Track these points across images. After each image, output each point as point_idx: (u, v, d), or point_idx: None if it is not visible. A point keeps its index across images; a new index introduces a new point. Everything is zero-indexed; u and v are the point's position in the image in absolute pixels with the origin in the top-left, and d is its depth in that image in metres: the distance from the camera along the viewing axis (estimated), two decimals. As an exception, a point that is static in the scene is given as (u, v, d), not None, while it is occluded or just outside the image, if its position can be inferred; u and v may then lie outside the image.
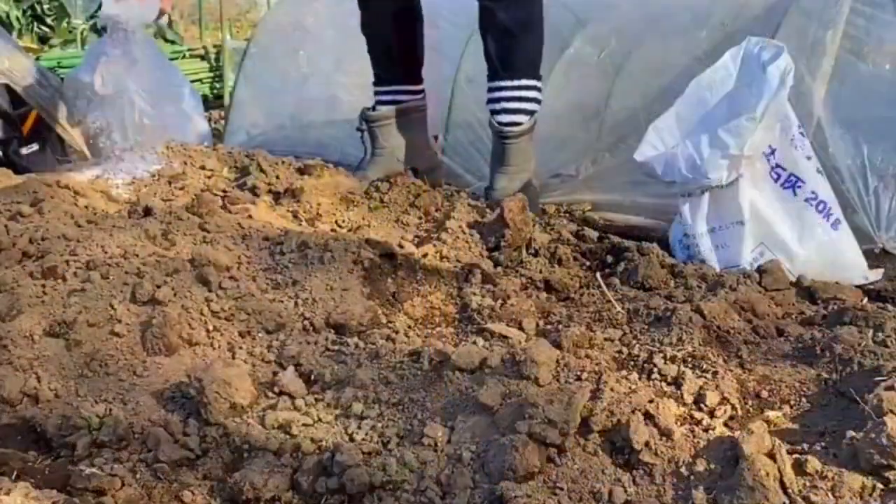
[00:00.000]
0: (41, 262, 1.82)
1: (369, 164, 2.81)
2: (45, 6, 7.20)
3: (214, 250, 1.89)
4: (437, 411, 1.42)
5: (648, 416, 1.31)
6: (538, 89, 2.65)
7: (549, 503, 1.22)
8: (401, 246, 2.01)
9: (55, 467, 1.36)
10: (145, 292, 1.73)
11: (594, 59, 3.05)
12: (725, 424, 1.40)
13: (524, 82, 2.62)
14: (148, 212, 2.08)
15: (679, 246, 2.26)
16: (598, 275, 2.00)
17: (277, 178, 2.57)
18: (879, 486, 1.18)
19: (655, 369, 1.50)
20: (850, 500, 1.16)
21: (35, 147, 3.66)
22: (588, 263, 2.17)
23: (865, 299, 1.95)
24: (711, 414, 1.41)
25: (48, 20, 7.22)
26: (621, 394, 1.37)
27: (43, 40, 7.10)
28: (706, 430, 1.35)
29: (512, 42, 2.59)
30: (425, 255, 2.03)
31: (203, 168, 2.57)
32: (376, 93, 2.85)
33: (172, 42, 6.78)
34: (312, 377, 1.58)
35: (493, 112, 2.65)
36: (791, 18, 2.54)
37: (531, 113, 2.63)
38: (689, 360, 1.53)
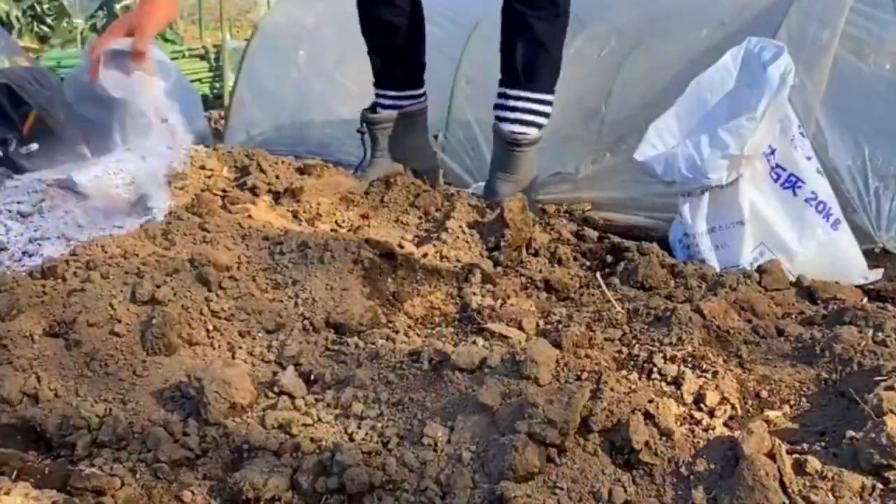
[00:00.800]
0: (41, 263, 1.82)
1: (369, 165, 2.80)
2: (45, 6, 7.21)
3: (214, 250, 1.89)
4: (437, 411, 1.42)
5: (648, 416, 1.31)
6: (551, 104, 2.61)
7: (548, 503, 1.22)
8: (401, 246, 2.01)
9: (55, 467, 1.36)
10: (145, 292, 1.74)
11: (594, 58, 3.06)
12: (725, 424, 1.40)
13: (544, 96, 2.59)
14: (148, 212, 2.08)
15: (679, 246, 2.26)
16: (598, 275, 2.00)
17: (277, 178, 2.57)
18: (879, 486, 1.18)
19: (655, 369, 1.50)
20: (850, 500, 1.16)
21: (35, 147, 3.66)
22: (588, 263, 2.17)
23: (865, 299, 1.96)
24: (711, 414, 1.41)
25: (48, 20, 7.22)
26: (621, 394, 1.37)
27: (43, 40, 7.11)
28: (706, 430, 1.35)
29: (541, 54, 2.54)
30: (425, 255, 2.03)
31: (203, 168, 2.57)
32: (377, 95, 2.83)
33: (172, 42, 6.78)
34: (312, 377, 1.58)
35: (503, 119, 2.61)
36: (791, 18, 2.55)
37: (541, 126, 2.61)
38: (689, 359, 1.53)
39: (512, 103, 2.60)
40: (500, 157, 2.65)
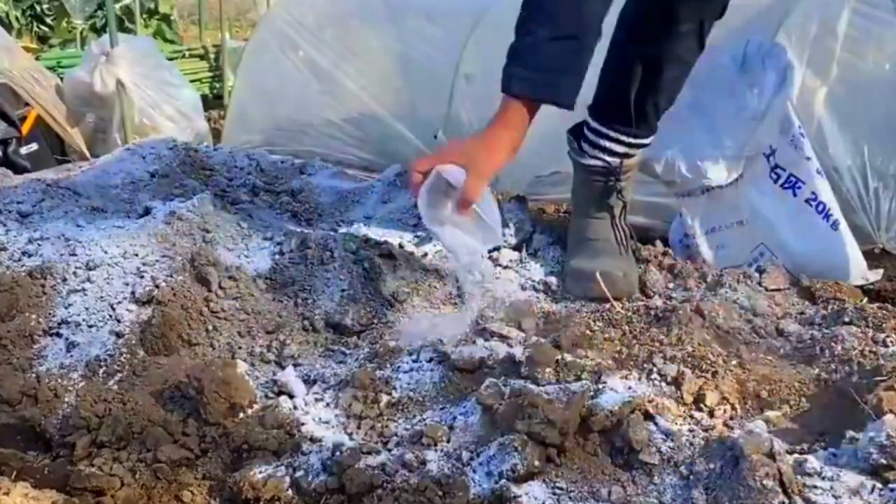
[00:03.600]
0: (41, 263, 1.82)
1: None
2: (45, 6, 7.21)
3: (214, 250, 1.89)
4: (437, 411, 1.42)
5: (648, 416, 1.32)
6: None
7: (548, 503, 1.22)
8: (401, 246, 2.01)
9: (55, 467, 1.37)
10: (145, 292, 1.74)
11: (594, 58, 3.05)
12: (725, 424, 1.40)
13: None
14: (148, 212, 2.08)
15: (679, 246, 2.26)
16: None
17: (277, 178, 2.57)
18: (879, 486, 1.18)
19: (655, 369, 1.50)
20: (849, 500, 1.16)
21: (35, 147, 3.67)
22: (588, 263, 2.16)
23: (865, 299, 1.95)
24: (711, 414, 1.41)
25: (48, 20, 7.23)
26: (621, 394, 1.37)
27: (43, 40, 7.11)
28: (706, 430, 1.35)
29: None
30: (425, 255, 2.03)
31: (203, 168, 2.57)
32: None
33: (172, 42, 6.78)
34: (312, 377, 1.58)
35: None
36: (791, 18, 2.54)
37: None
38: (689, 359, 1.53)
39: None
40: None
